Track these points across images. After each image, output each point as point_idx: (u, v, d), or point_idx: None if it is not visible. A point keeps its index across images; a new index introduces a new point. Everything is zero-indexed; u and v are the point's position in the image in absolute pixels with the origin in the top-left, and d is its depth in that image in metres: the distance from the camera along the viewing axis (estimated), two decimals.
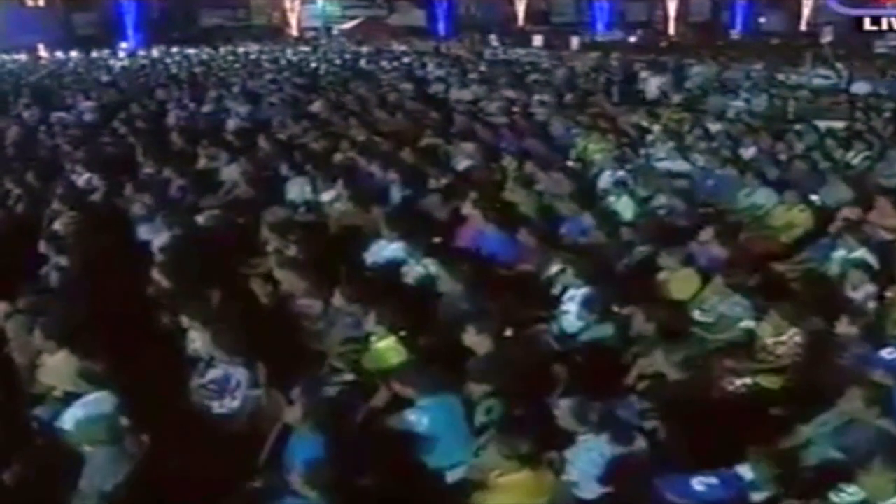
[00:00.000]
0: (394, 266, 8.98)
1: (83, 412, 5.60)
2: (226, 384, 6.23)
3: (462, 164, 13.43)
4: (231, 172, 12.81)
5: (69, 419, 5.63)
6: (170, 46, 41.51)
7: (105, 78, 28.99)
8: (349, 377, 6.74)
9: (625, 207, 11.11)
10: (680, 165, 13.57)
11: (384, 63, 34.11)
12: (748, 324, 7.59)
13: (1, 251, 9.55)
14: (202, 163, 13.83)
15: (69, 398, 6.04)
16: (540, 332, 7.29)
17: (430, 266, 8.55)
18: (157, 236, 9.64)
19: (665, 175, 12.95)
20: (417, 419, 5.81)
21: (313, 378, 6.67)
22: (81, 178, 12.48)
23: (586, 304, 7.69)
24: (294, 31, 52.78)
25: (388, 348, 6.75)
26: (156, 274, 7.91)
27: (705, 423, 5.86)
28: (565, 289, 8.20)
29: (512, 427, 5.27)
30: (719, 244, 9.15)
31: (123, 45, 43.47)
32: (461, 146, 14.19)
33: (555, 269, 8.53)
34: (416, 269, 8.61)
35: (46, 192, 11.91)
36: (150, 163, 13.16)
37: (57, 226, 10.22)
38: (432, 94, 24.04)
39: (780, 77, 26.59)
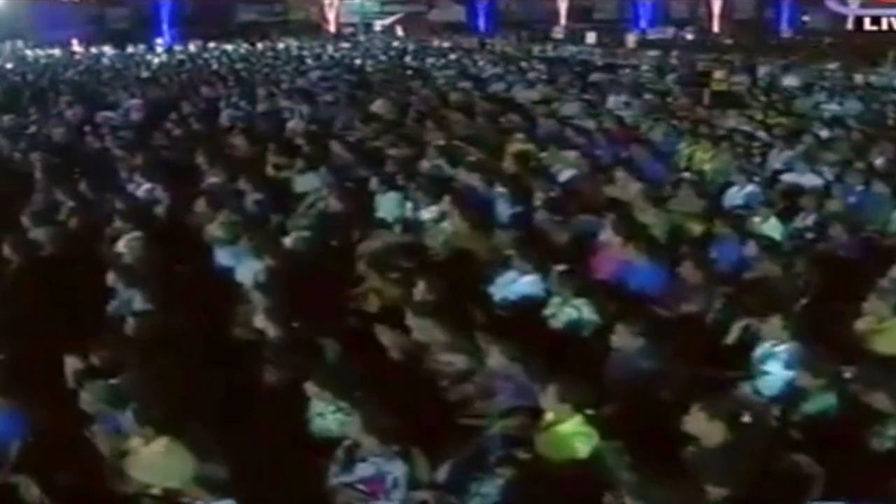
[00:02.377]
0: (531, 305, 7.47)
1: None
2: (380, 484, 4.71)
3: (564, 174, 11.86)
4: (307, 182, 11.32)
5: None
6: (206, 42, 40.10)
7: (144, 74, 27.60)
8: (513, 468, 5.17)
9: (773, 230, 9.53)
10: (810, 179, 11.92)
11: (431, 59, 32.63)
12: None
13: (56, 277, 8.07)
14: (270, 170, 12.35)
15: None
16: (766, 410, 5.68)
17: (584, 308, 7.02)
18: (242, 264, 8.15)
19: (798, 190, 11.37)
20: None
21: (466, 463, 5.16)
22: (141, 189, 11.00)
23: (797, 364, 6.12)
24: (332, 27, 51.28)
25: (574, 433, 5.20)
26: (260, 321, 6.38)
27: None
28: (751, 337, 6.69)
29: None
30: None
31: (159, 40, 42.07)
32: (560, 154, 12.62)
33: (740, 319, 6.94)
34: (566, 312, 7.06)
35: (102, 205, 10.49)
36: (214, 170, 11.67)
37: (122, 248, 8.74)
38: (493, 93, 22.45)
39: (858, 78, 24.88)
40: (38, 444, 5.27)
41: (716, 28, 59.52)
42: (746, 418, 5.00)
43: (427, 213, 9.75)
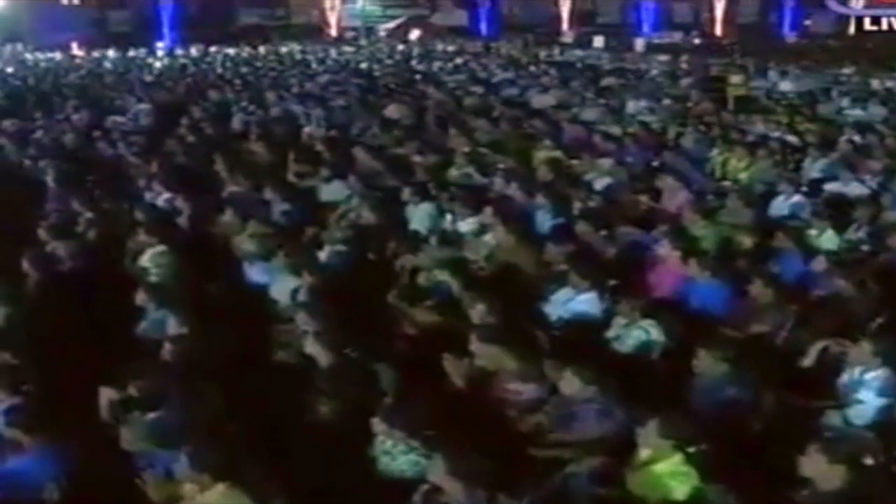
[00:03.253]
0: (592, 325, 6.97)
1: None
2: None
3: (599, 182, 11.36)
4: (335, 192, 10.83)
5: None
6: (208, 45, 39.56)
7: (148, 78, 27.07)
8: None
9: (830, 242, 9.04)
10: (855, 188, 11.43)
11: (438, 63, 32.16)
12: None
13: (80, 296, 7.56)
14: (292, 177, 11.85)
15: None
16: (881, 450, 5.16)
17: (652, 330, 6.53)
18: (278, 281, 7.64)
19: (845, 199, 10.90)
20: None
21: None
22: (161, 199, 10.48)
23: (893, 391, 5.64)
24: (333, 31, 50.72)
25: (673, 473, 4.70)
26: (311, 346, 5.86)
27: None
28: (831, 361, 6.20)
29: None
30: None
31: (160, 44, 41.49)
32: (596, 162, 12.12)
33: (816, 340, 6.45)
34: (634, 334, 6.57)
35: (121, 215, 9.98)
36: (236, 178, 11.15)
37: (147, 263, 8.23)
38: (508, 97, 21.93)
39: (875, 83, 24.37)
40: (75, 488, 4.76)
41: (718, 32, 59.14)
42: (868, 461, 4.50)
43: (466, 225, 9.24)
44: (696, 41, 46.59)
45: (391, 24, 51.63)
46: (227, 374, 5.83)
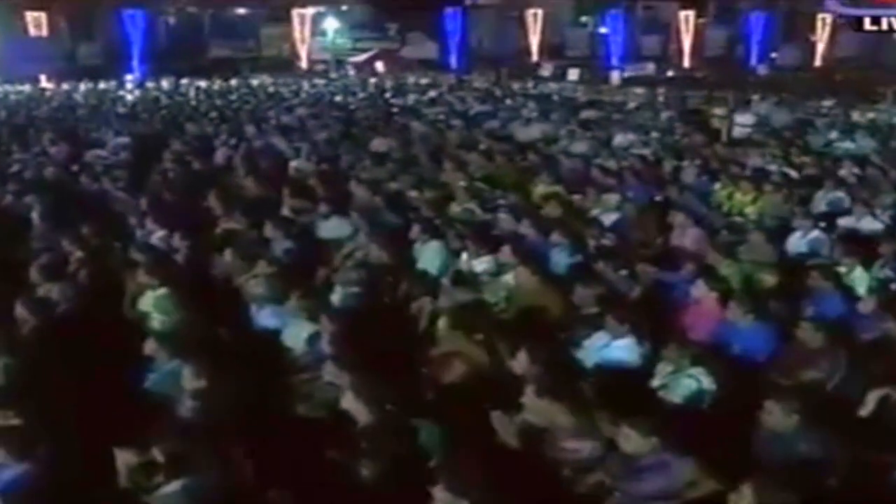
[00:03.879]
0: (631, 372, 6.56)
1: None
2: None
3: (607, 218, 11.00)
4: (336, 229, 10.37)
5: None
6: (179, 78, 38.94)
7: (122, 109, 26.48)
8: None
9: (860, 280, 8.71)
10: (869, 223, 11.14)
11: (413, 96, 31.80)
12: None
13: (79, 344, 7.02)
14: (287, 212, 11.36)
15: None
16: None
17: (703, 378, 6.12)
18: (290, 326, 7.17)
19: (862, 235, 10.61)
20: None
21: None
22: (155, 237, 9.96)
23: None
24: (304, 64, 50.32)
25: None
26: (349, 402, 5.37)
27: None
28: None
29: None
30: None
31: (129, 76, 40.77)
32: (602, 198, 11.76)
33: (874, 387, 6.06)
34: (684, 383, 6.15)
35: (113, 254, 9.47)
36: (231, 214, 10.67)
37: (148, 306, 7.73)
38: (489, 130, 21.56)
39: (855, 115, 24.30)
40: None
41: (686, 64, 59.39)
42: None
43: (481, 265, 8.79)
44: (670, 73, 46.64)
45: (361, 57, 51.32)
46: (253, 433, 5.34)
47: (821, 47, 60.57)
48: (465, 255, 8.95)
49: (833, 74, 45.28)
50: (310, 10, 51.27)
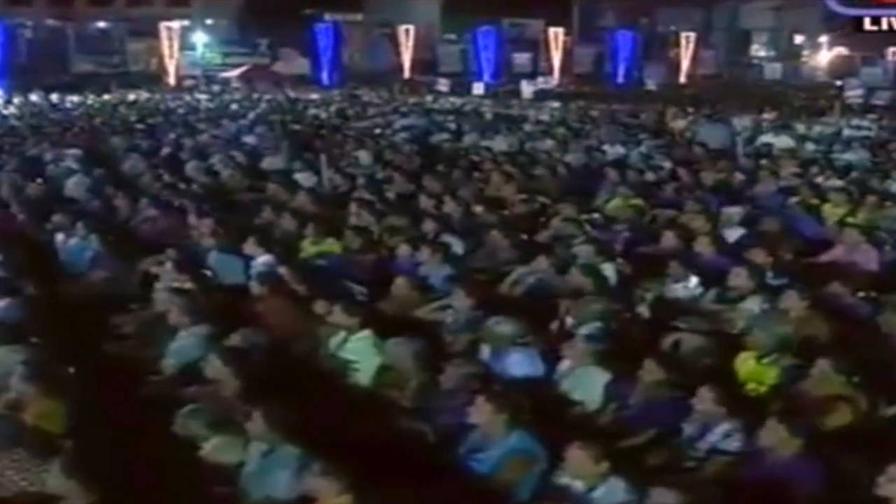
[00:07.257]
0: None
1: None
2: None
3: (731, 234, 10.20)
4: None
5: None
6: (48, 93, 36.13)
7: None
8: None
9: None
10: None
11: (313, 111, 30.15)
12: None
13: None
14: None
15: None
16: None
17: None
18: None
19: None
20: None
21: None
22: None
23: None
24: (172, 80, 47.68)
25: None
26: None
27: None
28: None
29: None
30: None
31: None
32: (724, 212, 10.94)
33: None
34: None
35: None
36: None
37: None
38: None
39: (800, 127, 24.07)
40: None
41: (555, 80, 59.55)
42: None
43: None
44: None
45: (234, 72, 49.25)
46: None
47: (685, 65, 61.97)
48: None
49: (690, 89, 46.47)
50: (176, 24, 48.75)
